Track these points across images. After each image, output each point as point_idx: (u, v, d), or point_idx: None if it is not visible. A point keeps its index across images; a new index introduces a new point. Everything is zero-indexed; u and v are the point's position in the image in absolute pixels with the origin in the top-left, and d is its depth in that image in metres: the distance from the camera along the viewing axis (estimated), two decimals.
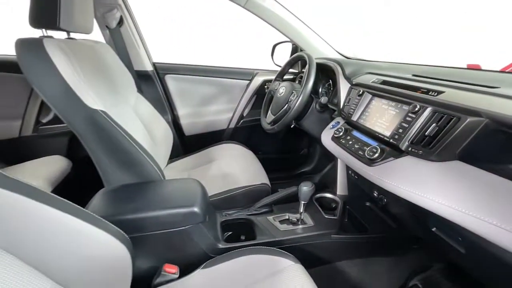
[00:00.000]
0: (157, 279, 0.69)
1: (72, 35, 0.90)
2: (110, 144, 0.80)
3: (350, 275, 0.93)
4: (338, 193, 1.05)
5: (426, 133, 0.62)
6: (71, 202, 0.53)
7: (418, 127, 0.64)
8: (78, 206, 0.54)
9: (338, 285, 0.92)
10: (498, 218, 0.46)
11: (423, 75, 0.84)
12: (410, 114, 0.67)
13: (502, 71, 0.81)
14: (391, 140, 0.69)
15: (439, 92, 0.65)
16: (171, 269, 0.70)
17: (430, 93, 0.67)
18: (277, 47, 1.59)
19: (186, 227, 0.73)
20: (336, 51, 1.52)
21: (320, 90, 1.29)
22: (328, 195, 1.05)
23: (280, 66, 1.53)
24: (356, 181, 0.99)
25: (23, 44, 0.71)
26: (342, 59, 1.26)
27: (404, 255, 0.97)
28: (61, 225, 0.50)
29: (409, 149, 0.64)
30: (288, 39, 1.46)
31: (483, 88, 0.64)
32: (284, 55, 1.62)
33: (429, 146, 0.61)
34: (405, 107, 0.69)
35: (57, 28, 0.78)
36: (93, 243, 0.55)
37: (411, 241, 0.93)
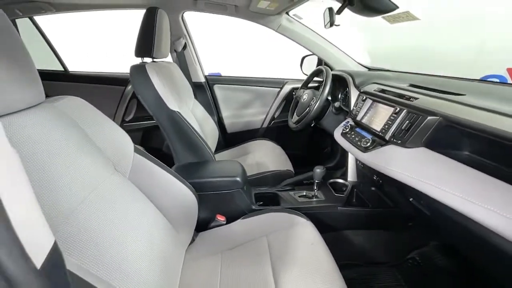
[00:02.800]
0: (212, 223, 1.02)
1: None
2: (182, 134, 1.17)
3: (354, 242, 1.17)
4: (348, 179, 1.29)
5: (402, 128, 0.86)
6: (168, 167, 0.89)
7: (398, 124, 0.88)
8: (172, 170, 0.90)
9: (344, 250, 1.17)
10: (447, 186, 0.67)
11: (416, 84, 1.07)
12: (393, 114, 0.91)
13: (475, 80, 1.01)
14: (380, 133, 0.94)
15: (415, 98, 0.89)
16: (221, 218, 1.03)
17: (410, 99, 0.91)
18: (305, 58, 1.88)
19: (231, 191, 1.06)
20: (357, 62, 1.76)
21: (339, 95, 1.54)
22: (340, 180, 1.31)
23: (307, 75, 1.81)
24: (362, 169, 1.23)
25: (134, 68, 1.12)
26: (355, 71, 1.48)
27: (402, 231, 1.18)
28: (164, 178, 0.86)
29: (391, 139, 0.89)
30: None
31: (450, 95, 0.86)
32: (311, 65, 1.90)
33: (404, 137, 0.85)
34: (391, 109, 0.94)
35: (151, 57, 1.17)
36: (178, 191, 0.90)
37: (406, 218, 1.14)
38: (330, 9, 0.84)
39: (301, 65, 1.88)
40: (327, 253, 0.84)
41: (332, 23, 0.86)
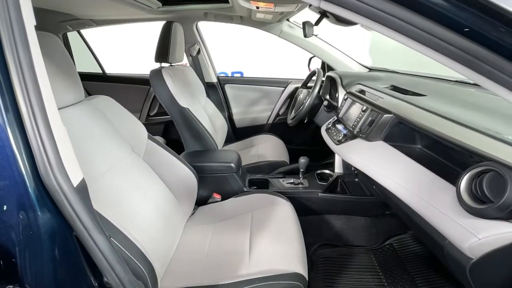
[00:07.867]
0: (210, 200, 1.25)
1: None
2: (190, 126, 1.41)
3: (334, 225, 1.31)
4: (335, 170, 1.43)
5: (366, 124, 0.99)
6: (175, 152, 1.12)
7: (363, 120, 1.01)
8: (177, 155, 1.12)
9: (325, 231, 1.32)
10: (393, 175, 0.80)
11: (397, 85, 1.19)
12: (361, 112, 1.04)
13: (451, 81, 1.09)
14: (351, 128, 1.08)
15: (380, 98, 1.01)
16: (217, 196, 1.25)
17: (378, 100, 1.04)
18: (312, 58, 2.01)
19: (226, 174, 1.27)
20: (358, 63, 1.86)
21: (336, 95, 1.67)
22: (327, 171, 1.45)
23: None
24: (346, 163, 1.37)
25: (152, 72, 1.37)
26: (345, 72, 1.56)
27: (380, 218, 1.30)
28: (170, 161, 1.09)
29: (358, 134, 1.02)
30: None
31: (412, 96, 0.97)
32: (318, 65, 2.03)
33: (367, 132, 0.98)
34: (361, 107, 1.07)
35: (167, 62, 1.42)
36: (181, 171, 1.12)
37: (383, 207, 1.25)
38: (304, 24, 1.00)
39: (308, 65, 2.02)
40: (296, 226, 1.01)
41: (306, 35, 1.01)
